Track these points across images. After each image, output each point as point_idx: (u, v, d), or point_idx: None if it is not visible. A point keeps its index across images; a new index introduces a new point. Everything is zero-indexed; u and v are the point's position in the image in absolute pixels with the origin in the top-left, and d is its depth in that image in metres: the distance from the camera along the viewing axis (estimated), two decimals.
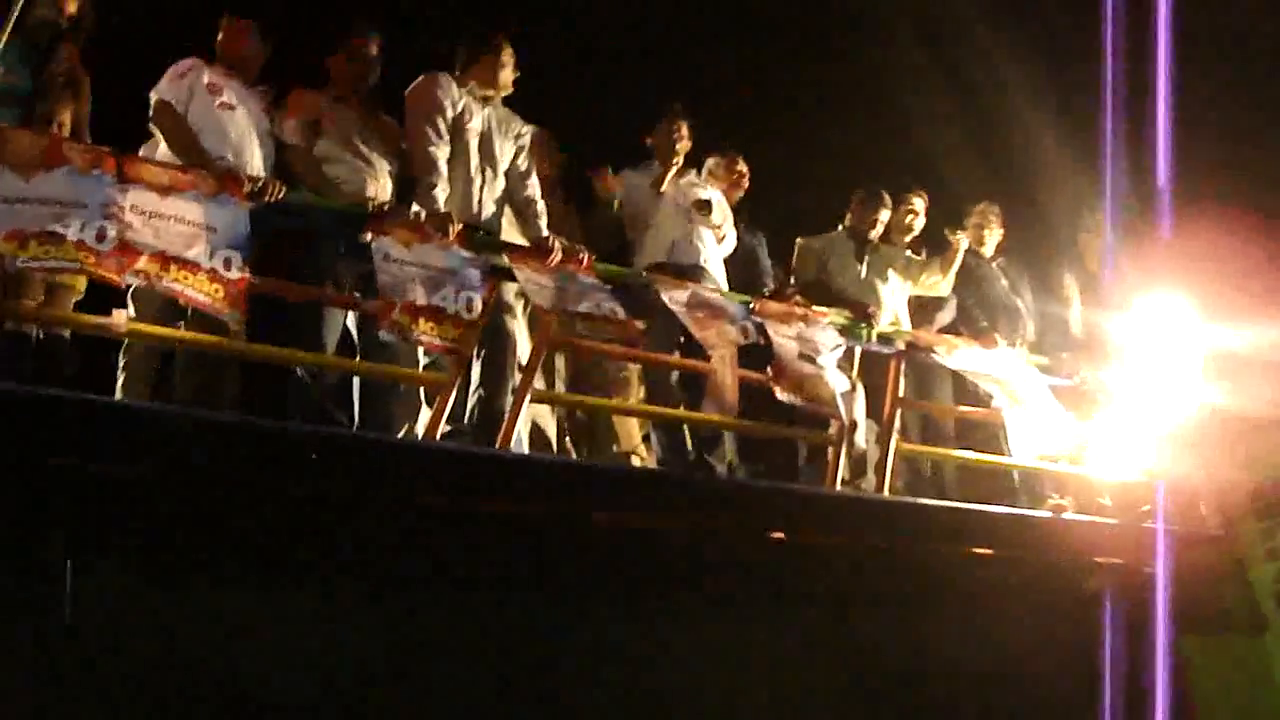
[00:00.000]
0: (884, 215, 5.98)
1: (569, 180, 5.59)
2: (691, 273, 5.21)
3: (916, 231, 6.16)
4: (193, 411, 3.90)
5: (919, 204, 6.13)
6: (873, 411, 5.41)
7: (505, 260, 4.50)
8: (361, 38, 4.67)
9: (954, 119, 7.86)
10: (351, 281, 4.44)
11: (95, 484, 3.26)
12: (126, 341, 4.27)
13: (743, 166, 5.82)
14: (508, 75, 4.85)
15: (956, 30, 7.68)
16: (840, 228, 6.01)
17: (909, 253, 6.08)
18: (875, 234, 5.96)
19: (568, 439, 5.51)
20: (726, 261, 5.49)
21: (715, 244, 5.43)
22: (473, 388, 4.68)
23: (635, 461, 5.47)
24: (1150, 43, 6.34)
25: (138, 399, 4.20)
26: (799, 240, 5.99)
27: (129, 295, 4.22)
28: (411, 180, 4.64)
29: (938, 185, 6.45)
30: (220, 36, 4.50)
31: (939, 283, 5.98)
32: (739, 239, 5.60)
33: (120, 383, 4.34)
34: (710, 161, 5.81)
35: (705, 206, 5.28)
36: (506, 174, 4.89)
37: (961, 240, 5.93)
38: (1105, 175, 6.35)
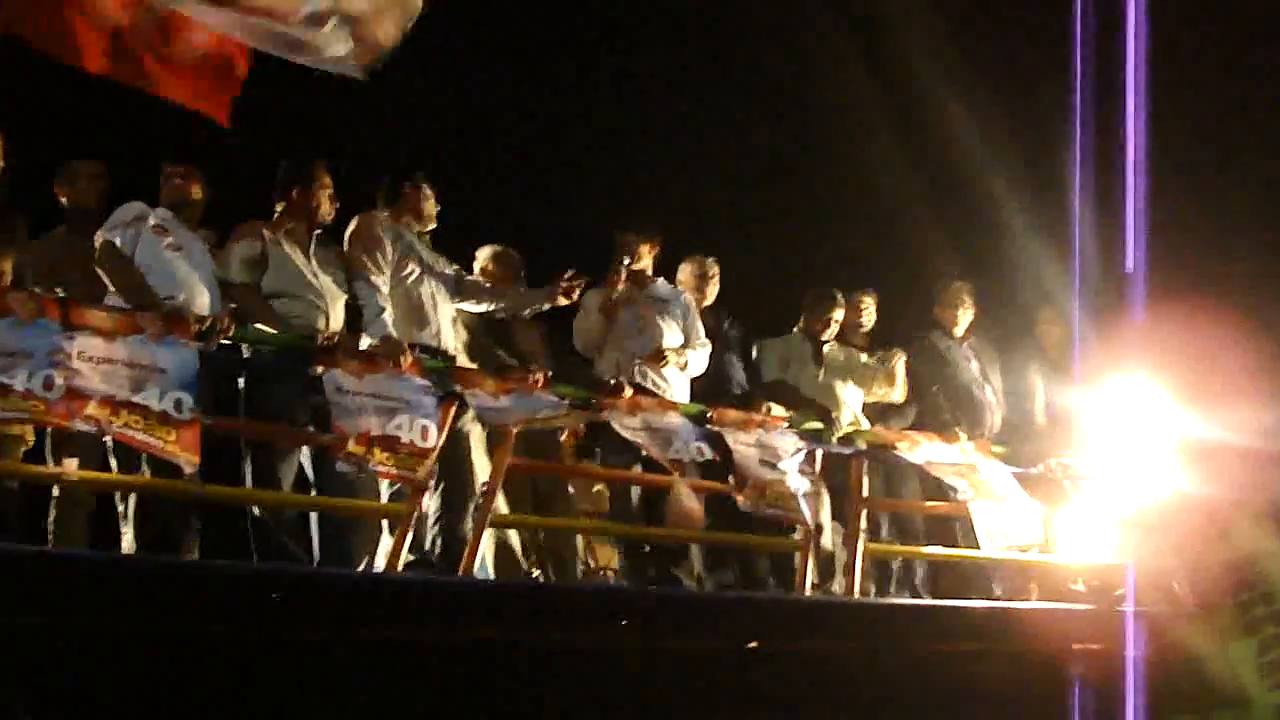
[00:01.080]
0: (838, 314, 6.06)
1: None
2: (647, 392, 5.29)
3: (868, 328, 6.26)
4: (151, 558, 3.95)
5: (869, 302, 6.24)
6: (839, 512, 5.48)
7: (458, 386, 4.59)
8: (324, 172, 4.81)
9: (921, 198, 7.98)
10: (306, 415, 4.51)
11: (63, 639, 3.31)
12: (58, 491, 4.30)
13: (712, 269, 5.90)
14: (430, 208, 5.04)
15: (922, 107, 7.82)
16: (795, 329, 6.12)
17: (863, 356, 6.16)
18: (830, 334, 6.06)
19: (534, 559, 5.55)
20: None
21: (676, 368, 5.51)
22: (433, 516, 4.74)
23: (609, 579, 5.52)
24: (1120, 118, 6.52)
25: (74, 547, 4.21)
26: (760, 342, 6.09)
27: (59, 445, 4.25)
28: (359, 310, 4.78)
29: (909, 265, 6.64)
30: (164, 182, 4.64)
31: (889, 393, 6.07)
32: (719, 336, 5.73)
33: (53, 533, 4.35)
34: (682, 268, 5.93)
35: (660, 359, 5.37)
36: (460, 292, 5.06)
37: (899, 358, 6.04)
38: (1074, 255, 6.50)
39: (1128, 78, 6.54)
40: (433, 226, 5.09)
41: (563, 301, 5.15)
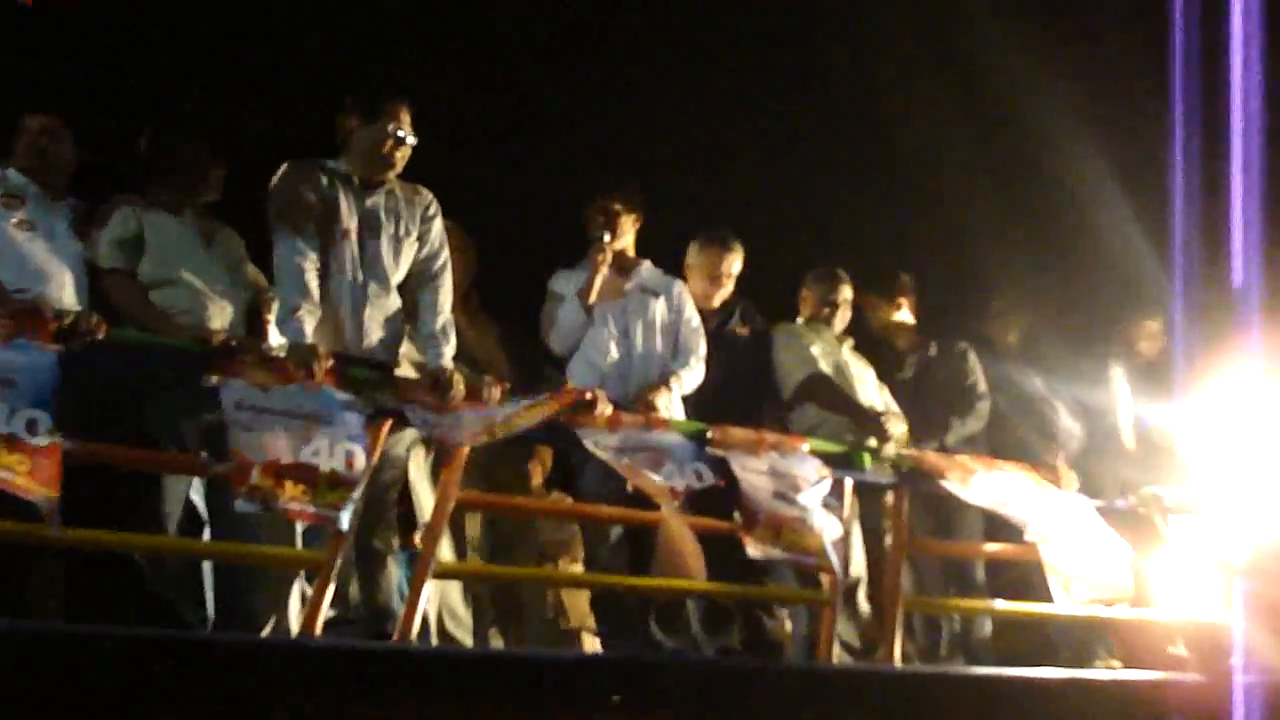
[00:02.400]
0: (845, 295, 6.21)
1: (490, 285, 5.86)
2: (629, 405, 5.33)
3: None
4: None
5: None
6: (876, 559, 5.56)
7: (393, 400, 4.60)
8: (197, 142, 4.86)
9: (984, 194, 8.41)
10: (196, 438, 4.51)
11: None
12: None
13: (733, 261, 5.99)
14: (401, 151, 4.99)
15: (995, 93, 8.27)
16: (798, 321, 6.22)
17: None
18: (840, 322, 6.19)
19: (491, 618, 5.61)
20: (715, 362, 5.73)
21: (654, 372, 5.61)
22: (361, 563, 4.77)
23: (585, 642, 5.60)
24: (1226, 117, 6.78)
25: None
26: (779, 327, 6.15)
27: None
28: (268, 304, 4.80)
29: (970, 269, 6.87)
30: (21, 136, 4.65)
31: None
32: (724, 338, 5.86)
33: None
34: (692, 252, 6.00)
35: (650, 409, 5.41)
36: (406, 281, 5.04)
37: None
38: (1174, 265, 6.74)
39: (1234, 71, 6.78)
40: (395, 171, 5.03)
41: None
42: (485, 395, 4.74)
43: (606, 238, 5.59)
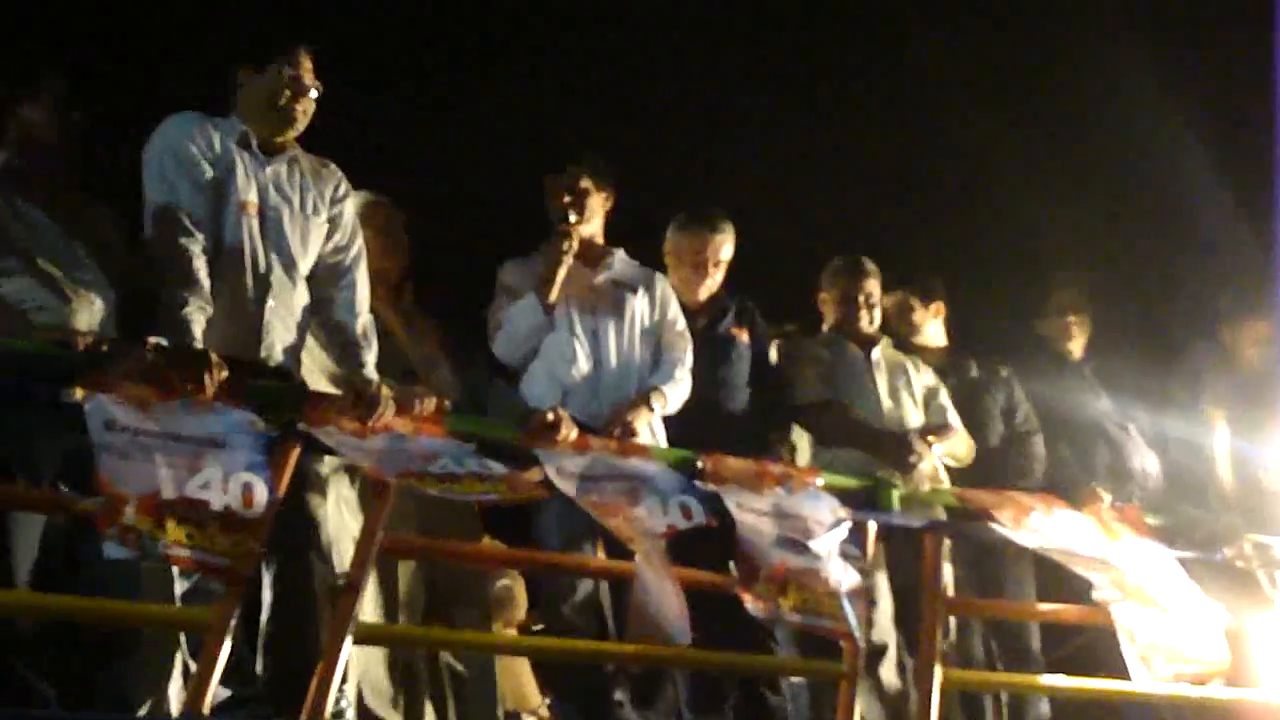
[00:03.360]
0: (871, 287, 6.31)
1: (428, 277, 5.96)
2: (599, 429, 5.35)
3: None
4: None
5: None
6: (907, 622, 5.54)
7: (305, 420, 4.58)
8: (58, 80, 4.80)
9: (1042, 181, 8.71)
10: (54, 465, 4.47)
11: None
12: None
13: (723, 244, 6.07)
14: (302, 103, 5.03)
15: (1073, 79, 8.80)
16: (825, 329, 6.29)
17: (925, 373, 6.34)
18: (869, 321, 6.29)
19: (427, 695, 5.55)
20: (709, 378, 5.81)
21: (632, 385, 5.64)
22: (262, 625, 4.72)
23: None
24: None
25: None
26: (792, 340, 6.28)
27: None
28: (145, 299, 4.72)
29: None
30: None
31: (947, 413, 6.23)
32: (716, 340, 5.95)
33: None
34: (671, 235, 6.07)
35: (628, 433, 5.43)
36: (314, 274, 5.05)
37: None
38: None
39: None
40: (297, 128, 5.06)
41: None
42: (417, 409, 4.76)
43: (572, 219, 5.60)
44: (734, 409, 5.98)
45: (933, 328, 6.67)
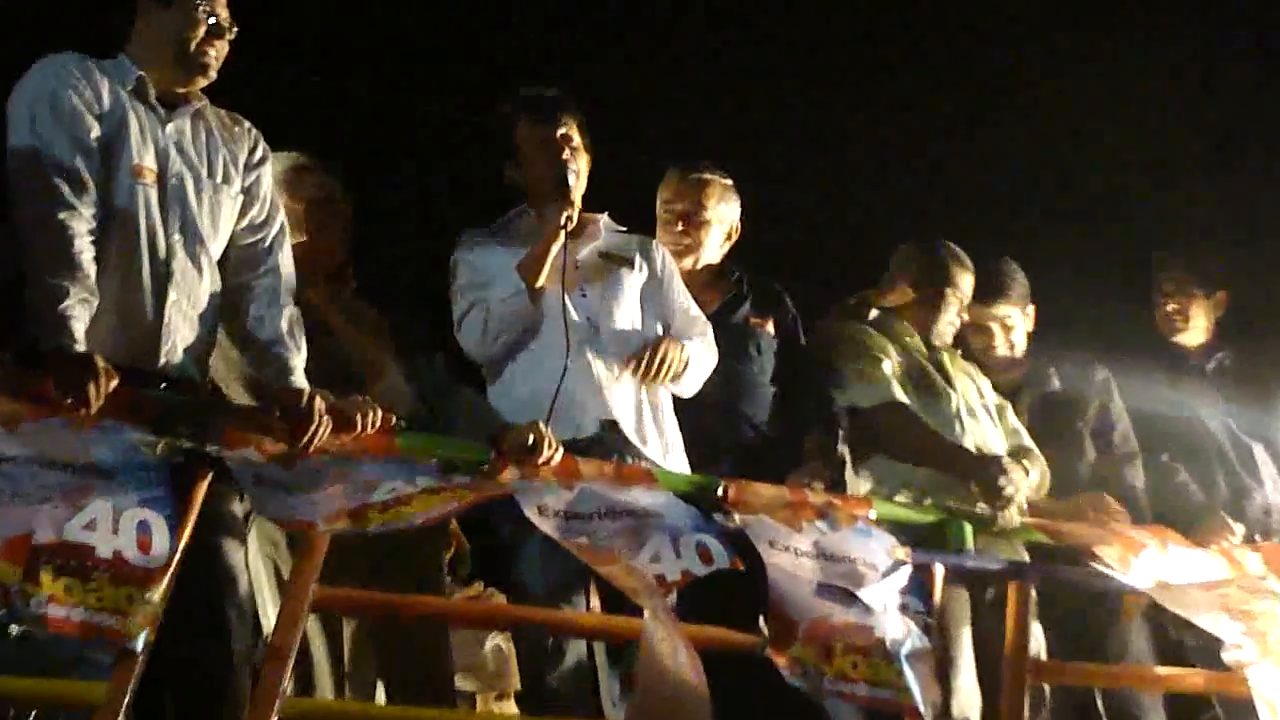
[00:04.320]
0: (966, 284, 6.40)
1: (374, 259, 6.04)
2: (593, 447, 5.34)
3: (1009, 345, 6.65)
4: None
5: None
6: (985, 687, 5.50)
7: (216, 441, 4.54)
8: None
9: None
10: None
11: None
12: None
13: (708, 201, 6.14)
14: (216, 46, 5.01)
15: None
16: (875, 311, 6.26)
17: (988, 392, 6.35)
18: (946, 327, 6.35)
19: None
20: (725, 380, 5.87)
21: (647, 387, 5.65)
22: (166, 704, 4.68)
23: None
24: None
25: None
26: (838, 325, 6.29)
27: None
28: (9, 289, 4.65)
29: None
30: None
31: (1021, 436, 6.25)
32: (747, 348, 6.05)
33: None
34: (660, 195, 6.18)
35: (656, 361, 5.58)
36: (225, 259, 5.01)
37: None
38: None
39: None
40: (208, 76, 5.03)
41: None
42: (359, 424, 4.77)
43: (571, 179, 5.66)
44: (757, 418, 6.01)
45: (1015, 334, 6.68)
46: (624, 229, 5.97)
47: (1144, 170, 9.39)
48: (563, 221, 5.56)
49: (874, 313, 6.26)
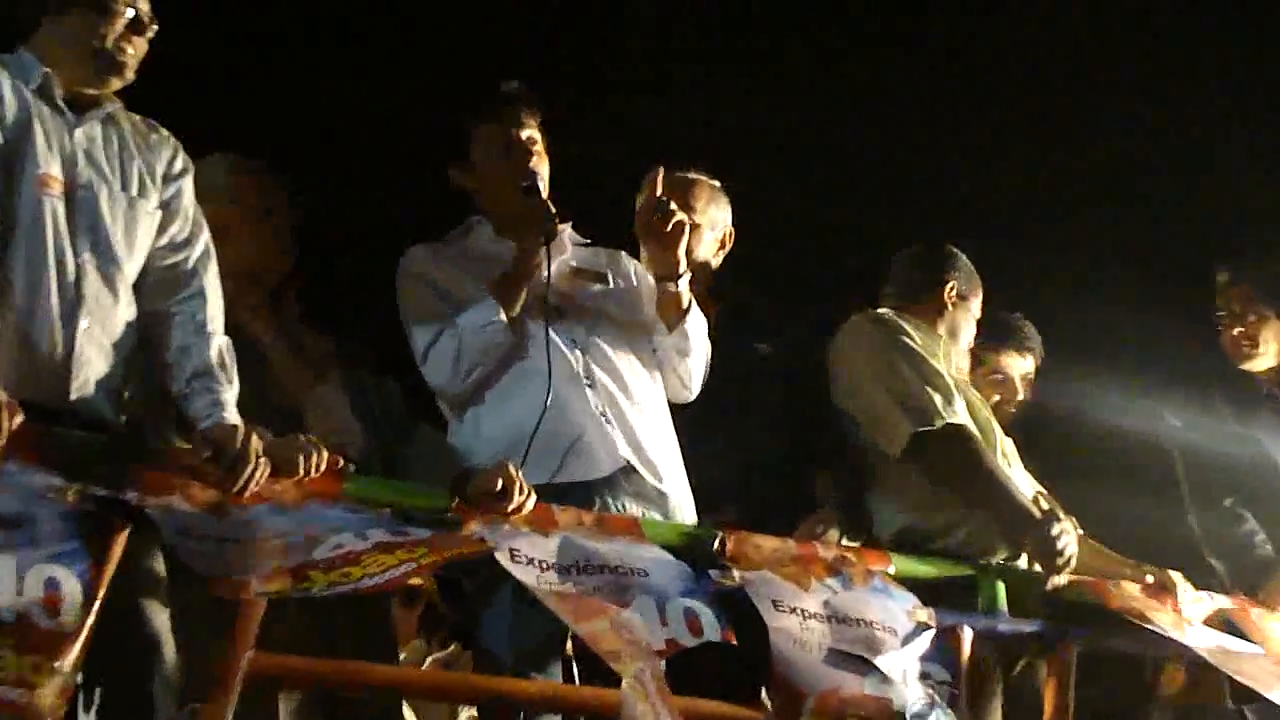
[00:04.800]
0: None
1: (320, 279, 6.01)
2: (577, 492, 5.29)
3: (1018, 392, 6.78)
4: None
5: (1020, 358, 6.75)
6: None
7: (135, 488, 4.47)
8: None
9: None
10: None
11: None
12: None
13: (710, 207, 6.27)
14: (135, 45, 4.95)
15: None
16: (907, 331, 6.12)
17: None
18: (966, 347, 6.39)
19: None
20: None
21: (647, 411, 5.65)
22: None
23: None
24: None
25: None
26: (858, 321, 6.21)
27: None
28: None
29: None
30: None
31: None
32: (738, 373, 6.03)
33: None
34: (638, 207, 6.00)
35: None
36: (142, 282, 4.94)
37: None
38: None
39: None
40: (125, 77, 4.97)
41: None
42: (301, 467, 4.70)
43: (542, 187, 5.62)
44: (759, 454, 5.98)
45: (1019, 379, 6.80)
46: (589, 241, 5.96)
47: (1200, 164, 9.49)
48: (543, 238, 5.51)
49: (905, 324, 6.17)
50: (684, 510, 5.50)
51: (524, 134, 5.72)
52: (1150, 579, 5.76)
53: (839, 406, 6.03)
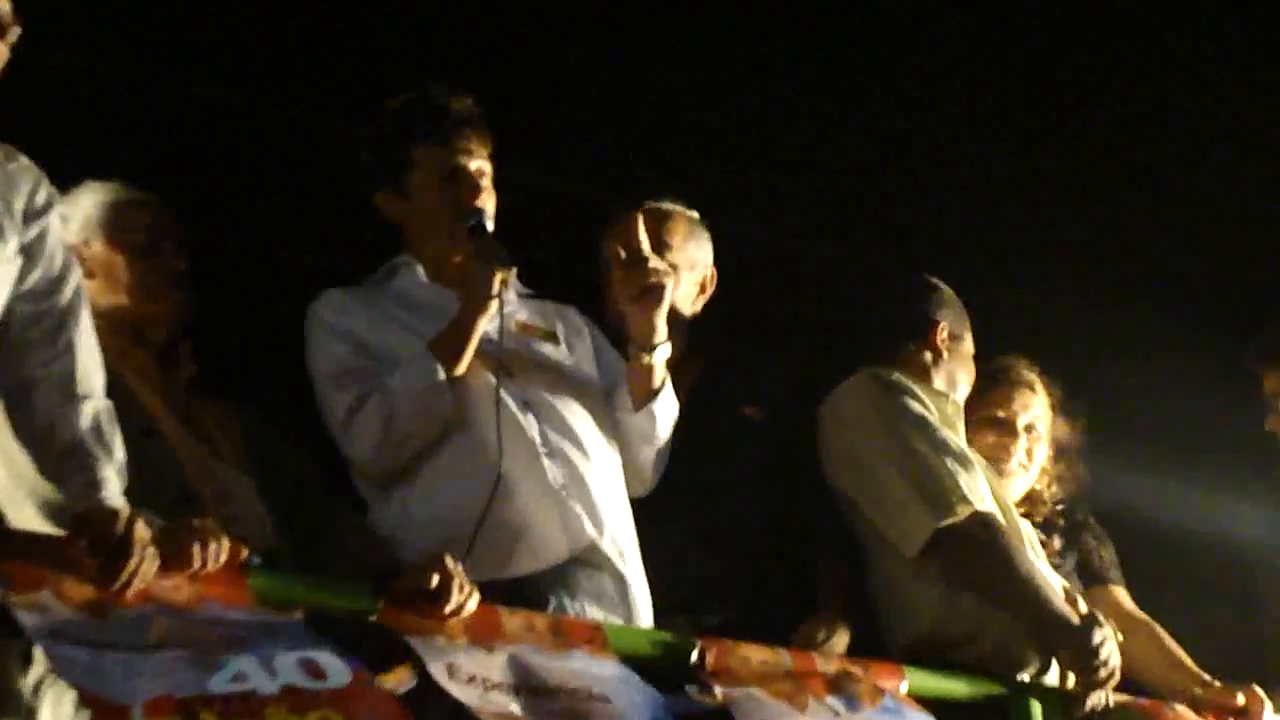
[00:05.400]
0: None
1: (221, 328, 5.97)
2: (527, 588, 5.24)
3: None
4: None
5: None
6: None
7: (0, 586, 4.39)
8: None
9: None
10: None
11: None
12: None
13: (688, 244, 6.20)
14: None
15: None
16: (918, 396, 6.15)
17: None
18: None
19: None
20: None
21: (610, 484, 5.60)
22: None
23: None
24: None
25: None
26: (861, 383, 6.20)
27: None
28: None
29: None
30: None
31: None
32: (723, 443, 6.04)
33: None
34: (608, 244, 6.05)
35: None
36: (3, 341, 4.83)
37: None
38: None
39: None
40: None
41: None
42: (197, 559, 4.52)
43: (487, 222, 5.55)
44: (747, 543, 5.96)
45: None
46: (531, 291, 5.92)
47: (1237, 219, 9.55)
48: (496, 289, 5.39)
49: (915, 388, 6.16)
50: (644, 607, 5.41)
51: (473, 164, 5.63)
52: (1240, 698, 5.86)
53: (836, 488, 5.97)
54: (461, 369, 5.42)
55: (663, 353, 5.63)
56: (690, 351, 6.12)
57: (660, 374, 5.66)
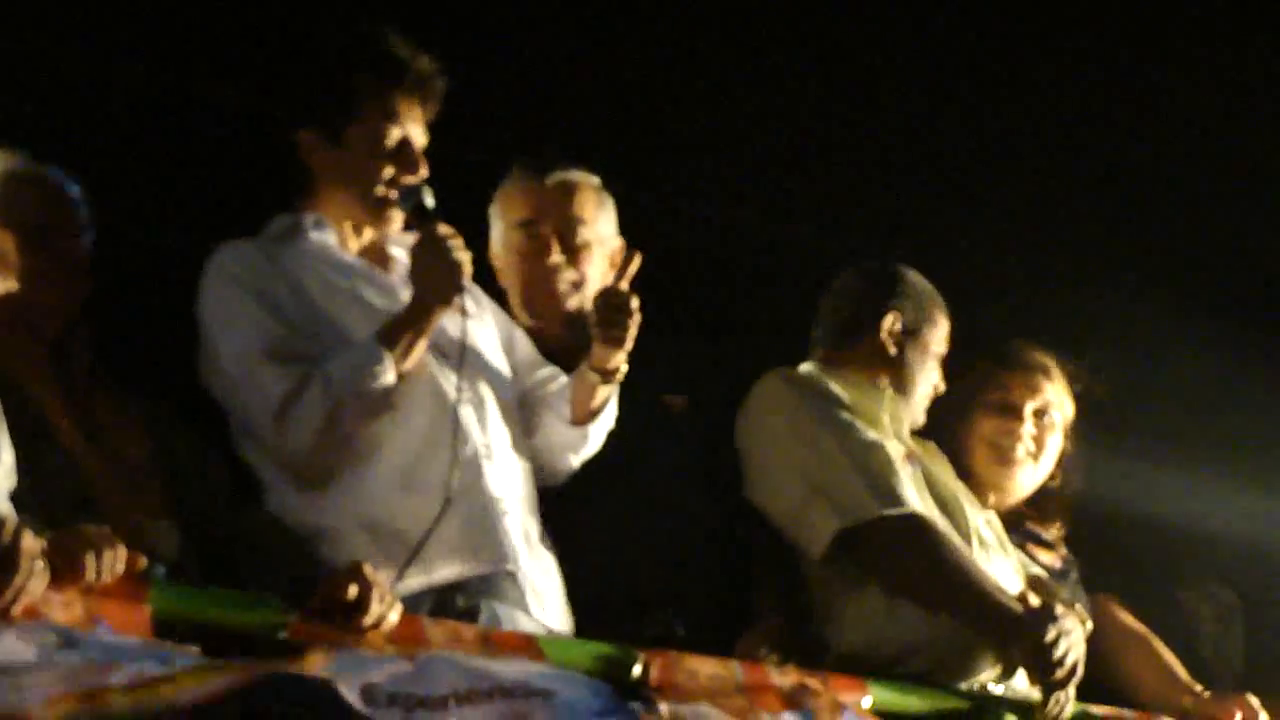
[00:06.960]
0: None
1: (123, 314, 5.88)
2: (455, 598, 5.22)
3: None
4: None
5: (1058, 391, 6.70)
6: None
7: None
8: None
9: None
10: None
11: None
12: None
13: (599, 218, 6.09)
14: None
15: None
16: (832, 394, 6.14)
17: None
18: (923, 399, 6.36)
19: None
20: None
21: (529, 491, 5.62)
22: None
23: None
24: None
25: None
26: (776, 379, 6.18)
27: None
28: None
29: None
30: None
31: None
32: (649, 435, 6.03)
33: None
34: (496, 207, 6.10)
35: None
36: None
37: None
38: None
39: None
40: None
41: None
42: (90, 570, 4.36)
43: (429, 199, 5.35)
44: (683, 543, 5.91)
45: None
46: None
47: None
48: (462, 285, 5.31)
49: (830, 384, 6.09)
50: (560, 620, 5.45)
51: (419, 136, 5.50)
52: (1230, 709, 5.90)
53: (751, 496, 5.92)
54: (408, 366, 5.30)
55: (617, 382, 5.59)
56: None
57: (606, 397, 5.61)
